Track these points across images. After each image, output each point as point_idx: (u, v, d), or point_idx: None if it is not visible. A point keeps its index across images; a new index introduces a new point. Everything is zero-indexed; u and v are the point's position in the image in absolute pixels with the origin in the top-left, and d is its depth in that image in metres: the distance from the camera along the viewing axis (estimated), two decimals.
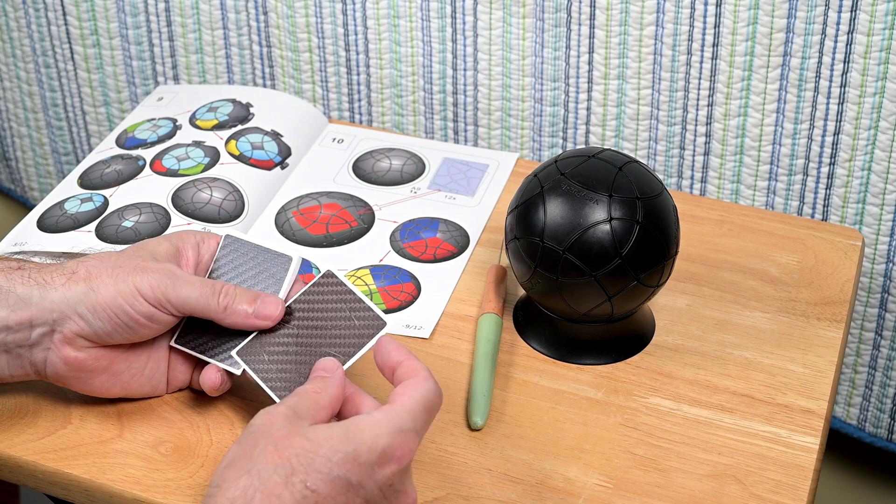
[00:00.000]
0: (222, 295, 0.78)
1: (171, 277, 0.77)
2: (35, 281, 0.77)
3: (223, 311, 0.78)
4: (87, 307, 0.77)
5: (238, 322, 0.79)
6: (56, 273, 0.78)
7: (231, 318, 0.79)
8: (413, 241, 1.01)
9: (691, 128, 1.11)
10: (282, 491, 0.66)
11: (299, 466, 0.67)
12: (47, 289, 0.77)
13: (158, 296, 0.77)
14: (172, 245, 0.81)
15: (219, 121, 1.11)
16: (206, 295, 0.78)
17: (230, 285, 0.79)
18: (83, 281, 0.77)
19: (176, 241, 0.82)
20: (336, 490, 0.67)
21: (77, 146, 1.34)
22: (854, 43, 1.00)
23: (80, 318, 0.77)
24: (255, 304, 0.79)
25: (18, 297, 0.77)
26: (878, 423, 1.17)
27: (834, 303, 0.95)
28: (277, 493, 0.66)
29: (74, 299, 0.77)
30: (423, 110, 1.20)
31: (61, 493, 0.82)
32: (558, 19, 1.10)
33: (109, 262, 0.79)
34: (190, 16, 1.22)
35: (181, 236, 0.83)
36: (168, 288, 0.77)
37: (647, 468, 0.82)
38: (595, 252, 0.84)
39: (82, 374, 0.79)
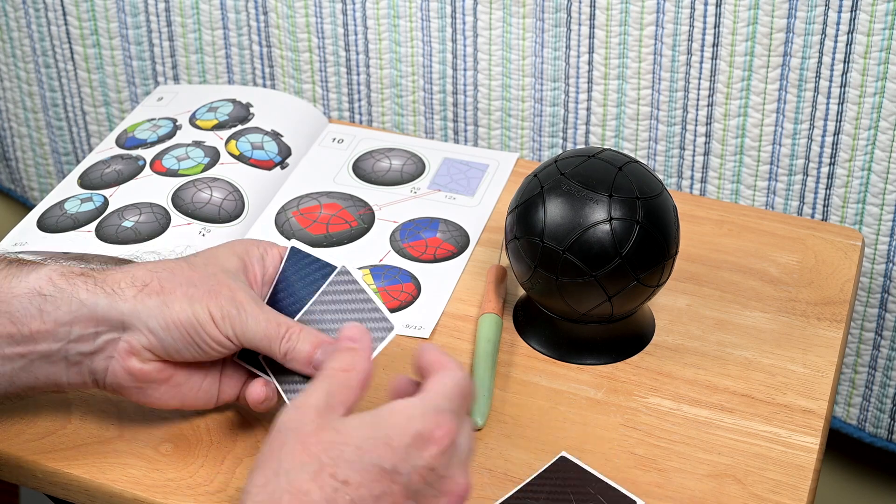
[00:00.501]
0: (284, 340, 0.76)
1: (240, 310, 0.75)
2: (101, 288, 0.75)
3: (283, 357, 0.76)
4: (159, 323, 0.74)
5: (296, 368, 0.77)
6: (125, 282, 0.75)
7: (291, 365, 0.77)
8: (413, 241, 1.01)
9: (691, 128, 1.11)
10: (310, 487, 0.62)
11: (328, 461, 0.63)
12: (115, 298, 0.75)
13: (226, 327, 0.75)
14: (240, 259, 0.79)
15: (219, 121, 1.11)
16: (269, 337, 0.76)
17: (296, 327, 0.76)
18: (156, 294, 0.75)
19: (242, 255, 0.80)
20: (369, 478, 0.63)
21: (77, 146, 1.34)
22: (854, 43, 1.00)
23: (150, 332, 0.75)
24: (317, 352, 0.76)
25: (82, 302, 0.74)
26: (878, 423, 1.17)
27: (834, 303, 0.95)
28: (305, 489, 0.63)
29: (146, 313, 0.74)
30: (423, 110, 1.20)
31: (61, 493, 0.82)
32: (558, 19, 1.10)
33: (183, 276, 0.76)
34: (190, 16, 1.22)
35: (247, 249, 0.80)
36: (236, 321, 0.75)
37: (647, 468, 0.82)
38: (595, 252, 0.84)
39: (143, 385, 0.77)
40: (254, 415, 0.84)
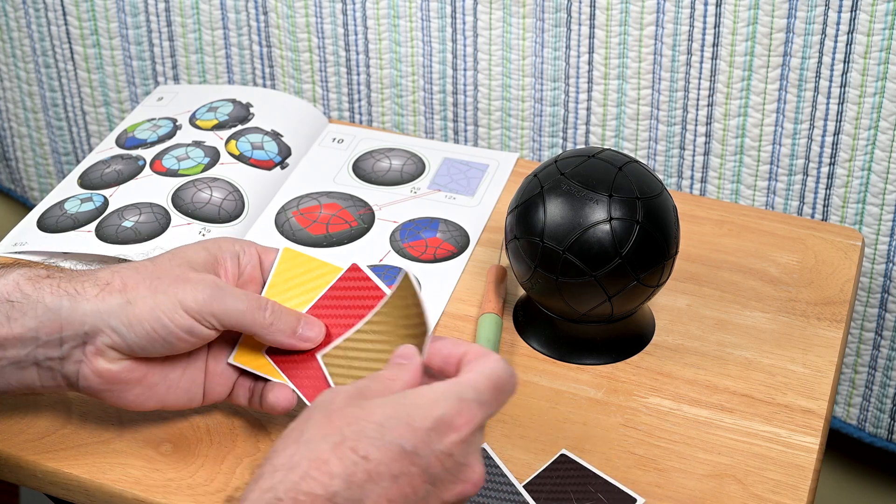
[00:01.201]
0: (268, 311, 0.75)
1: (214, 289, 0.74)
2: (65, 291, 0.74)
3: (269, 326, 0.75)
4: (121, 321, 0.73)
5: (280, 341, 0.76)
6: (88, 283, 0.74)
7: (274, 336, 0.76)
8: (413, 241, 1.01)
9: (691, 128, 1.11)
10: (329, 457, 0.62)
11: (350, 434, 0.63)
12: (78, 300, 0.74)
13: (202, 309, 0.74)
14: (210, 254, 0.78)
15: (219, 121, 1.11)
16: (252, 309, 0.75)
17: (275, 302, 0.76)
18: (118, 293, 0.74)
19: (214, 250, 0.78)
20: (389, 457, 0.63)
21: (77, 146, 1.34)
22: (854, 43, 1.00)
23: (113, 331, 0.73)
24: (299, 324, 0.76)
25: (47, 307, 0.74)
26: (878, 423, 1.17)
27: (834, 303, 0.95)
28: (325, 458, 0.62)
29: (108, 312, 0.73)
30: (423, 110, 1.20)
31: (61, 493, 0.82)
32: (558, 19, 1.10)
33: (146, 272, 0.75)
34: (190, 16, 1.22)
35: (219, 244, 0.79)
36: (213, 300, 0.74)
37: (647, 468, 0.82)
38: (595, 252, 0.84)
39: (115, 387, 0.76)
40: (254, 415, 0.84)
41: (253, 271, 0.80)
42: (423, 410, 0.65)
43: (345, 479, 0.62)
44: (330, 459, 0.63)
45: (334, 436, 0.63)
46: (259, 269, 0.80)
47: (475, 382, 0.67)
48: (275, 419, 0.84)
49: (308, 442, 0.63)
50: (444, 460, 0.65)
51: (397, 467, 0.63)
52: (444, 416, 0.65)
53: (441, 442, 0.65)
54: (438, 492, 0.65)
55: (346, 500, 0.62)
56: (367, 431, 0.64)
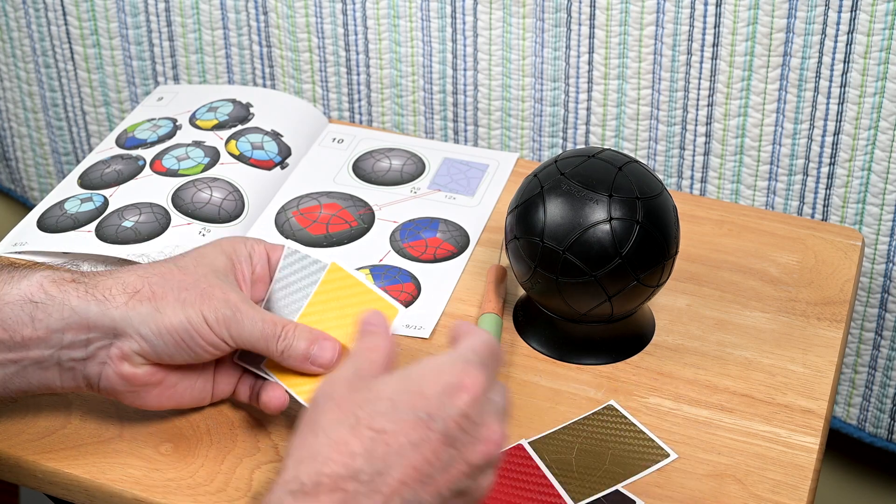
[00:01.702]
0: (281, 339, 0.77)
1: (235, 312, 0.76)
2: (93, 296, 0.75)
3: (279, 354, 0.77)
4: (151, 329, 0.75)
5: (293, 366, 0.78)
6: (116, 289, 0.76)
7: (287, 363, 0.78)
8: (413, 241, 1.01)
9: (691, 128, 1.11)
10: (349, 438, 0.64)
11: (364, 415, 0.64)
12: (107, 305, 0.75)
13: (222, 329, 0.76)
14: (228, 259, 0.80)
15: (219, 121, 1.11)
16: (266, 337, 0.76)
17: (290, 325, 0.77)
18: (147, 301, 0.75)
19: (230, 254, 0.80)
20: (406, 427, 0.64)
21: (77, 146, 1.34)
22: (854, 43, 1.00)
23: (142, 338, 0.75)
24: (313, 348, 0.77)
25: (73, 309, 0.75)
26: (878, 423, 1.17)
27: (834, 303, 0.95)
28: (345, 440, 0.63)
29: (138, 320, 0.75)
30: (423, 110, 1.20)
31: (61, 493, 0.82)
32: (558, 19, 1.10)
33: (174, 281, 0.76)
34: (190, 16, 1.22)
35: (235, 248, 0.81)
36: (231, 323, 0.76)
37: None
38: (595, 252, 0.84)
39: (136, 389, 0.77)
40: (254, 415, 0.84)
41: (262, 270, 0.82)
42: (431, 379, 0.66)
43: (366, 456, 0.63)
44: (349, 441, 0.64)
45: (349, 419, 0.65)
46: (267, 267, 0.82)
47: (474, 347, 0.69)
48: (274, 419, 0.84)
49: (324, 430, 0.65)
50: (460, 422, 0.65)
51: (416, 435, 0.64)
52: (452, 380, 0.66)
53: (453, 404, 0.65)
54: (461, 454, 0.66)
55: (369, 475, 0.63)
56: (379, 408, 0.65)
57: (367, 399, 0.66)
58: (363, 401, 0.65)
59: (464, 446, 0.66)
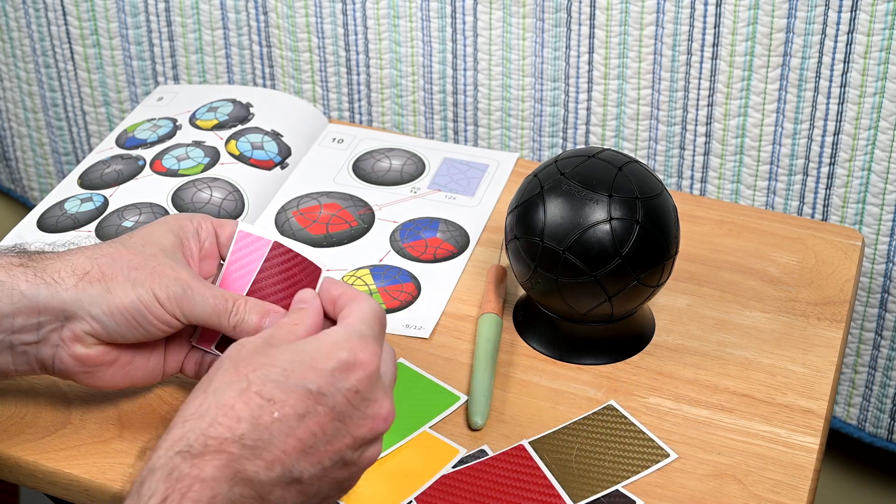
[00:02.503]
0: (232, 314, 0.77)
1: (186, 289, 0.76)
2: (42, 279, 0.75)
3: (232, 329, 0.77)
4: (101, 310, 0.75)
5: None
6: (64, 272, 0.76)
7: (240, 336, 0.77)
8: (413, 241, 1.01)
9: (691, 128, 1.11)
10: (236, 402, 0.65)
11: (255, 380, 0.66)
12: (56, 288, 0.75)
13: (173, 307, 0.76)
14: (176, 236, 0.80)
15: (219, 121, 1.11)
16: (217, 313, 0.76)
17: (242, 300, 0.77)
18: (97, 282, 0.75)
19: (178, 232, 0.80)
20: (294, 398, 0.66)
21: (77, 146, 1.34)
22: (854, 43, 1.00)
23: (93, 319, 0.75)
24: (265, 321, 0.77)
25: (22, 294, 0.75)
26: (878, 423, 1.17)
27: (834, 303, 0.95)
28: (231, 403, 0.65)
29: (88, 301, 0.75)
30: (423, 110, 1.20)
31: (61, 493, 0.82)
32: (558, 19, 1.10)
33: (123, 261, 0.76)
34: (190, 16, 1.22)
35: (182, 225, 0.81)
36: (183, 300, 0.76)
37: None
38: (595, 252, 0.84)
39: (90, 369, 0.78)
40: None
41: (210, 246, 0.81)
42: (326, 353, 0.68)
43: (251, 421, 0.65)
44: (236, 404, 0.65)
45: (240, 382, 0.66)
46: (216, 244, 0.82)
47: (365, 319, 0.70)
48: None
49: (216, 391, 0.66)
50: (350, 397, 0.68)
51: (303, 407, 0.66)
52: (348, 355, 0.68)
53: (347, 380, 0.68)
54: (348, 428, 0.68)
55: (253, 441, 0.65)
56: (271, 375, 0.66)
57: (261, 364, 0.67)
58: (258, 364, 0.67)
59: (352, 421, 0.68)
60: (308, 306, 0.74)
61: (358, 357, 0.68)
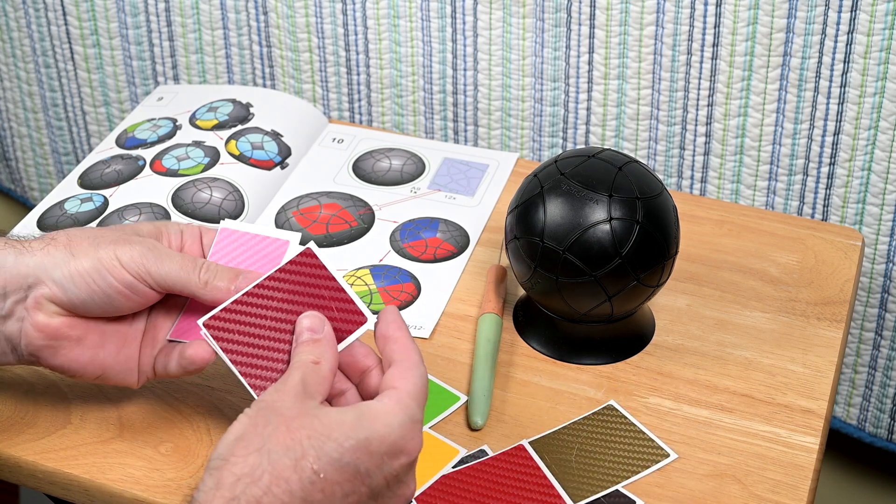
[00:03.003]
0: (203, 270, 0.76)
1: (153, 250, 0.76)
2: (12, 246, 0.75)
3: (204, 285, 0.75)
4: (63, 273, 0.74)
5: (219, 297, 0.76)
6: (35, 241, 0.76)
7: (211, 294, 0.76)
8: (413, 241, 1.01)
9: (691, 128, 1.11)
10: (290, 475, 0.66)
11: (310, 449, 0.66)
12: (23, 253, 0.75)
13: (139, 268, 0.75)
14: (156, 228, 0.79)
15: (219, 121, 1.11)
16: (186, 269, 0.76)
17: (211, 262, 0.77)
18: (63, 247, 0.75)
19: (159, 225, 0.80)
20: (344, 477, 0.67)
21: (77, 146, 1.34)
22: (854, 43, 1.00)
23: (54, 283, 0.74)
24: (237, 280, 0.76)
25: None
26: (878, 423, 1.17)
27: (834, 303, 0.95)
28: (286, 476, 0.66)
29: (51, 264, 0.74)
30: (423, 110, 1.20)
31: (61, 493, 0.82)
32: (558, 19, 1.10)
33: (92, 233, 0.77)
34: (190, 16, 1.22)
35: (165, 223, 0.81)
36: (149, 260, 0.75)
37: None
38: (595, 252, 0.84)
39: (55, 343, 0.76)
40: None
41: (193, 245, 0.80)
42: (381, 435, 0.68)
43: (302, 497, 0.66)
44: (291, 478, 0.66)
45: (296, 449, 0.66)
46: (199, 246, 0.81)
47: (417, 398, 0.71)
48: None
49: (270, 453, 0.66)
50: (390, 480, 0.69)
51: (350, 486, 0.68)
52: (399, 441, 0.69)
53: (391, 464, 0.69)
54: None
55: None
56: (325, 448, 0.67)
57: (317, 432, 0.67)
58: (313, 432, 0.67)
59: (383, 499, 0.70)
60: (322, 336, 0.73)
61: (407, 445, 0.69)
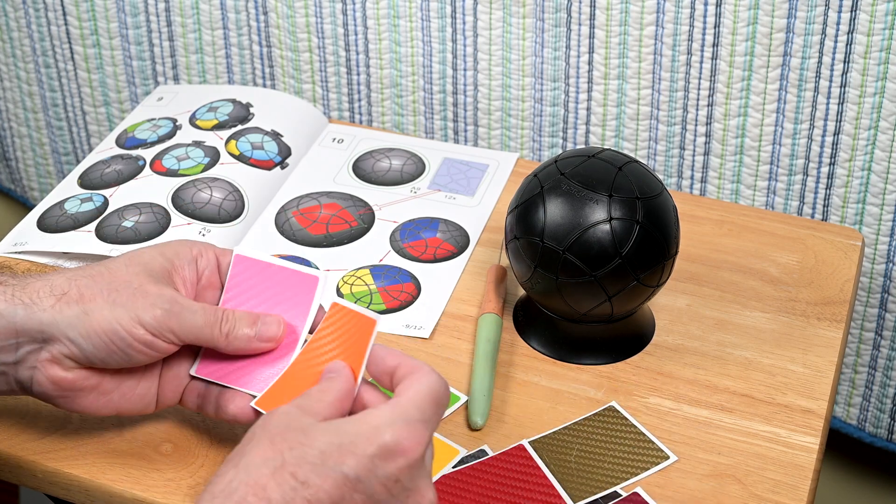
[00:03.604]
0: (223, 322, 0.74)
1: (172, 304, 0.73)
2: (20, 300, 0.73)
3: (225, 338, 0.74)
4: (78, 332, 0.72)
5: (241, 347, 0.75)
6: (43, 292, 0.73)
7: (234, 345, 0.75)
8: (413, 241, 1.01)
9: (691, 128, 1.11)
10: (268, 482, 0.62)
11: (291, 459, 0.63)
12: (33, 309, 0.72)
13: (160, 327, 0.72)
14: (167, 260, 0.76)
15: (219, 121, 1.11)
16: (209, 324, 0.73)
17: (229, 311, 0.74)
18: (75, 303, 0.72)
19: (171, 256, 0.76)
20: (330, 483, 0.63)
21: (77, 146, 1.34)
22: (854, 43, 1.00)
23: (70, 341, 0.72)
24: (256, 326, 0.75)
25: (0, 314, 0.72)
26: (878, 423, 1.17)
27: (834, 303, 0.95)
28: (263, 483, 0.62)
29: (65, 323, 0.72)
30: (423, 110, 1.20)
31: (61, 493, 0.82)
32: (558, 19, 1.10)
33: (103, 281, 0.73)
34: (190, 16, 1.22)
35: (175, 250, 0.77)
36: (170, 318, 0.72)
37: None
38: (595, 252, 0.84)
39: (70, 394, 0.75)
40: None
41: (211, 276, 0.78)
42: (368, 436, 0.64)
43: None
44: (268, 485, 0.62)
45: (275, 460, 0.63)
46: (217, 274, 0.78)
47: (417, 401, 0.66)
48: None
49: (247, 466, 0.63)
50: (390, 486, 0.64)
51: (338, 494, 0.63)
52: (391, 441, 0.64)
53: (386, 468, 0.64)
54: None
55: None
56: (308, 457, 0.63)
57: (298, 442, 0.64)
58: (295, 443, 0.64)
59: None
60: (337, 375, 0.70)
61: (401, 443, 0.64)
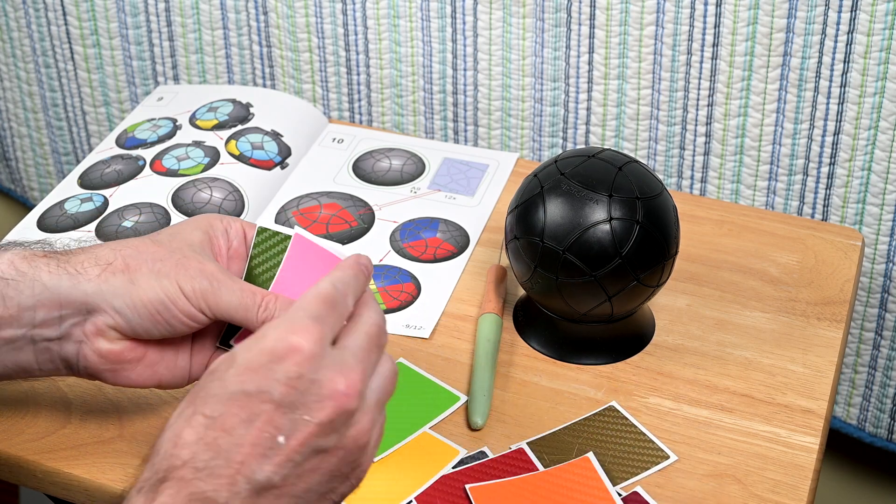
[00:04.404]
0: (262, 309, 0.73)
1: (212, 282, 0.73)
2: (64, 270, 0.73)
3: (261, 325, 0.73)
4: (125, 302, 0.72)
5: None
6: (88, 263, 0.73)
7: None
8: (413, 240, 1.01)
9: (691, 128, 1.11)
10: (182, 429, 0.63)
11: (197, 400, 0.63)
12: (79, 279, 0.72)
13: (200, 301, 0.73)
14: (204, 233, 0.77)
15: (219, 121, 1.11)
16: (245, 306, 0.73)
17: (271, 296, 0.74)
18: (121, 273, 0.72)
19: (207, 229, 0.77)
20: (235, 407, 0.62)
21: (77, 146, 1.34)
22: (854, 43, 1.00)
23: (116, 311, 0.72)
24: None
25: (44, 285, 0.72)
26: (878, 423, 1.17)
27: (834, 303, 0.95)
28: (178, 432, 0.63)
29: (111, 293, 0.72)
30: (423, 110, 1.20)
31: (61, 493, 0.82)
32: (558, 19, 1.10)
33: (147, 253, 0.74)
34: (190, 16, 1.22)
35: (210, 223, 0.78)
36: (209, 293, 0.73)
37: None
38: (595, 252, 0.84)
39: (116, 367, 0.74)
40: None
41: (239, 246, 0.79)
42: (258, 350, 0.64)
43: (198, 443, 0.62)
44: (183, 431, 0.62)
45: (187, 409, 0.63)
46: (244, 244, 0.79)
47: (303, 304, 0.66)
48: None
49: (169, 425, 0.64)
50: (295, 384, 0.63)
51: (245, 412, 0.63)
52: (276, 344, 0.64)
53: (282, 367, 0.63)
54: (305, 415, 0.63)
55: (204, 462, 0.62)
56: (211, 390, 0.63)
57: (202, 383, 0.64)
58: (199, 386, 0.64)
59: (305, 407, 0.63)
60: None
61: (290, 342, 0.63)
